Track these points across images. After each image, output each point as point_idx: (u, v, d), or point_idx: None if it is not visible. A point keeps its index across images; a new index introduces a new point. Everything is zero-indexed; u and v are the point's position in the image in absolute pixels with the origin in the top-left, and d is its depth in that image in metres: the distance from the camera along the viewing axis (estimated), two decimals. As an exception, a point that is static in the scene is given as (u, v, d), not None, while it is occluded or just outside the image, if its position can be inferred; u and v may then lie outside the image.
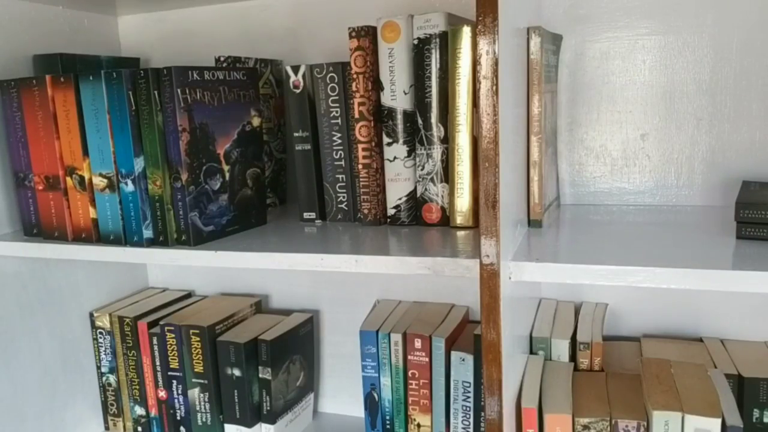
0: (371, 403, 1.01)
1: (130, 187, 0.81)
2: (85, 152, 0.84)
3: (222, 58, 0.95)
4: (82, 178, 0.85)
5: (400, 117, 0.83)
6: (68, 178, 0.87)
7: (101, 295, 1.15)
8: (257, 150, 0.77)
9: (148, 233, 0.83)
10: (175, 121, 0.77)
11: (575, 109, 0.96)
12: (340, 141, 0.88)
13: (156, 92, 0.78)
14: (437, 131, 0.82)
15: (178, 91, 0.77)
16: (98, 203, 0.85)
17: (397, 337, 0.96)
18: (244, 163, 0.87)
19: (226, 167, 0.84)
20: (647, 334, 0.96)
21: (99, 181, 0.83)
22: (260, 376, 1.02)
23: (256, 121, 0.89)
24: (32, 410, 0.85)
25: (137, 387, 1.11)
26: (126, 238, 0.84)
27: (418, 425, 0.97)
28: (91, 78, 0.81)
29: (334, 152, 0.89)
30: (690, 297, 0.93)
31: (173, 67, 0.77)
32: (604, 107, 0.95)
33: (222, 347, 1.01)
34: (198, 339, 1.01)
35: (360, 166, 0.85)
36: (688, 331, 0.94)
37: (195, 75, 0.79)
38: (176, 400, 1.06)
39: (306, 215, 0.92)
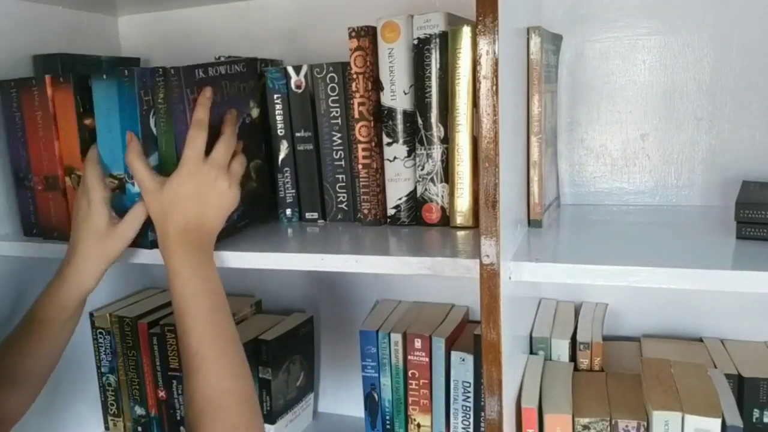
0: (371, 403, 1.01)
1: (136, 187, 0.79)
2: (84, 153, 0.84)
3: (222, 59, 0.94)
4: (80, 178, 0.85)
5: (400, 117, 0.83)
6: (67, 179, 0.87)
7: (101, 295, 1.15)
8: (258, 141, 0.75)
9: (153, 235, 0.81)
10: (185, 121, 0.76)
11: (575, 109, 0.96)
12: (340, 141, 0.88)
13: (164, 92, 0.77)
14: (437, 131, 0.82)
15: (188, 91, 0.76)
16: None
17: (397, 337, 0.96)
18: (247, 156, 0.85)
19: None
20: (647, 334, 0.96)
21: (109, 182, 0.81)
22: (260, 376, 1.02)
23: (255, 113, 0.88)
24: (32, 410, 0.85)
25: (137, 387, 1.11)
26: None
27: (418, 425, 0.97)
28: (104, 77, 0.77)
29: (334, 152, 0.89)
30: (690, 297, 0.93)
31: (181, 67, 0.75)
32: (604, 107, 0.95)
33: (222, 347, 1.01)
34: (198, 339, 1.01)
35: (360, 166, 0.85)
36: (688, 331, 0.94)
37: (201, 73, 0.78)
38: (176, 400, 1.06)
39: (308, 215, 0.92)
